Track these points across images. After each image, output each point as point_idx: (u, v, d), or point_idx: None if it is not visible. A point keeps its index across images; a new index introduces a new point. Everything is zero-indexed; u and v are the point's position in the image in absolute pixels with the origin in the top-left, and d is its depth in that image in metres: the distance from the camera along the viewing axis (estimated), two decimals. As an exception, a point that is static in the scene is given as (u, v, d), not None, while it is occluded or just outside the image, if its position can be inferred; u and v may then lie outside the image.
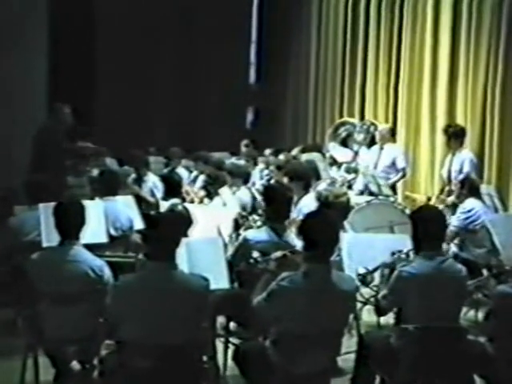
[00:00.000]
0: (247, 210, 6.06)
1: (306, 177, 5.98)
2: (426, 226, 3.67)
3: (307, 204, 5.40)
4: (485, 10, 8.37)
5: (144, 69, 11.08)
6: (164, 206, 5.62)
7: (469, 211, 5.77)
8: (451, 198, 6.47)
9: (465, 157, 7.18)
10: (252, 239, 4.32)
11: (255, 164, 8.78)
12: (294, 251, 3.90)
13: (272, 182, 7.31)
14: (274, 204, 4.44)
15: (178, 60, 11.57)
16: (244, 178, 6.73)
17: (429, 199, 7.53)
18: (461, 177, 6.63)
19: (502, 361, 3.63)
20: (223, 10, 11.55)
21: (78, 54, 10.53)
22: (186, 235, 3.45)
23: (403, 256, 3.94)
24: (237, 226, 5.20)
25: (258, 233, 4.48)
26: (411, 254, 3.88)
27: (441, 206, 6.59)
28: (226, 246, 4.34)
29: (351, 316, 4.24)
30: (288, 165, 6.75)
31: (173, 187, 6.01)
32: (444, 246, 4.28)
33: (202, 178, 7.81)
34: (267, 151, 9.12)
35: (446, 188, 7.08)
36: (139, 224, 5.36)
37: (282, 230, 4.33)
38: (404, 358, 3.54)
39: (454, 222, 5.77)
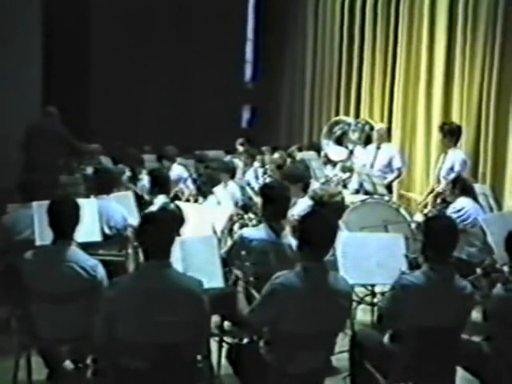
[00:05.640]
0: (239, 204, 6.08)
1: (303, 178, 6.04)
2: (436, 238, 3.58)
3: (307, 204, 5.41)
4: (480, 11, 8.38)
5: (139, 67, 11.07)
6: (153, 201, 5.60)
7: (459, 210, 5.77)
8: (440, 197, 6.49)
9: (457, 156, 7.18)
10: (248, 237, 4.30)
11: (252, 162, 8.78)
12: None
13: (268, 180, 7.32)
14: (272, 203, 4.41)
15: (174, 58, 11.56)
16: (231, 173, 6.78)
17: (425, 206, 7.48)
18: (452, 176, 6.63)
19: (498, 361, 3.63)
20: (219, 8, 11.54)
21: (73, 53, 10.52)
22: (178, 234, 3.42)
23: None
24: (231, 222, 5.21)
25: (255, 231, 4.44)
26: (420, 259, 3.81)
27: (430, 207, 6.61)
28: (220, 244, 4.34)
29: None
30: (284, 168, 6.79)
31: (159, 182, 5.99)
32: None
33: (196, 176, 7.80)
34: (264, 148, 9.15)
35: (435, 186, 7.08)
36: (134, 222, 5.35)
37: (279, 229, 4.32)
38: (398, 357, 3.54)
39: None
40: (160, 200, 5.53)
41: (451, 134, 7.19)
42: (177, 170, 8.09)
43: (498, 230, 4.84)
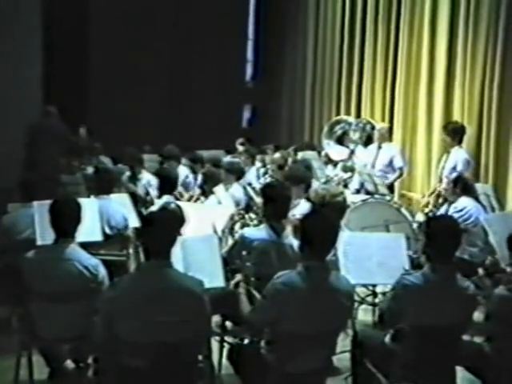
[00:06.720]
0: (241, 206, 6.06)
1: (305, 180, 6.03)
2: (438, 238, 3.57)
3: (309, 205, 5.40)
4: (482, 10, 8.37)
5: (139, 66, 11.05)
6: (159, 203, 5.59)
7: (460, 210, 5.76)
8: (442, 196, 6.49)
9: (460, 156, 7.17)
10: (249, 237, 4.30)
11: (253, 162, 8.75)
12: None
13: (269, 180, 7.30)
14: (273, 202, 4.41)
15: (174, 58, 11.54)
16: (237, 174, 6.76)
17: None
18: (454, 175, 6.62)
19: (499, 361, 3.62)
20: (219, 8, 11.53)
21: (73, 53, 10.51)
22: (179, 234, 3.42)
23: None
24: (232, 222, 5.19)
25: (256, 231, 4.44)
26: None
27: (431, 206, 6.61)
28: (221, 244, 4.33)
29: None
30: (286, 170, 6.77)
31: (169, 182, 5.96)
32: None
33: (197, 176, 7.78)
34: (266, 147, 9.14)
35: (437, 185, 7.08)
36: (134, 222, 5.35)
37: (280, 229, 4.31)
38: (399, 357, 3.53)
39: None
40: (165, 200, 5.52)
41: (455, 133, 7.17)
42: (184, 172, 8.04)
43: (499, 229, 4.84)
